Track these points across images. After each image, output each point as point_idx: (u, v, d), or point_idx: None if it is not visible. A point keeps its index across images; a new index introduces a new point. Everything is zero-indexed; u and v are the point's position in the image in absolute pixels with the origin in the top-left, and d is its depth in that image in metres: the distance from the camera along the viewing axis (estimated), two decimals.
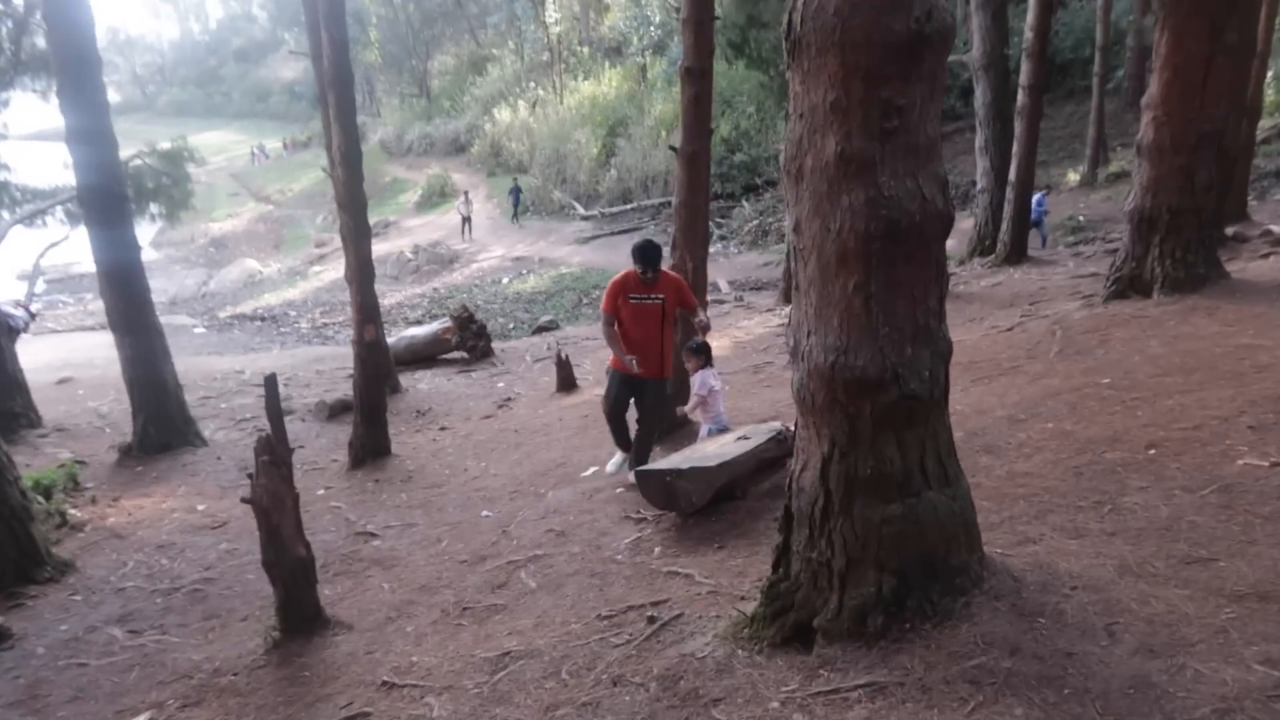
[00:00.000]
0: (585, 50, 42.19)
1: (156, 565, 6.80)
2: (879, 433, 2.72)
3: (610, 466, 6.57)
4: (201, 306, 29.60)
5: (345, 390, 11.34)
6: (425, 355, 14.74)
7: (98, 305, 30.19)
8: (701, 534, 4.77)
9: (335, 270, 25.62)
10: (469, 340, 14.27)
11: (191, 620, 5.70)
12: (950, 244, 3.56)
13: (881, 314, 2.63)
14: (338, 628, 4.76)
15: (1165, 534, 3.32)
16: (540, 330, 18.39)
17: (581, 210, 30.57)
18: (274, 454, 4.46)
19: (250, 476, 4.50)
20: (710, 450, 5.11)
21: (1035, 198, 17.05)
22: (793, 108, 2.69)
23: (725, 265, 21.71)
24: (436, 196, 37.65)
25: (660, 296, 5.92)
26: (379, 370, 8.63)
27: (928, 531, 2.77)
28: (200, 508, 8.31)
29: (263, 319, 25.88)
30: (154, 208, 17.33)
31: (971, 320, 10.29)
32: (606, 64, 38.71)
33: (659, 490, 4.91)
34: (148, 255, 41.15)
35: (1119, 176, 20.74)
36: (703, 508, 4.86)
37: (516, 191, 31.34)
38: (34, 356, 17.80)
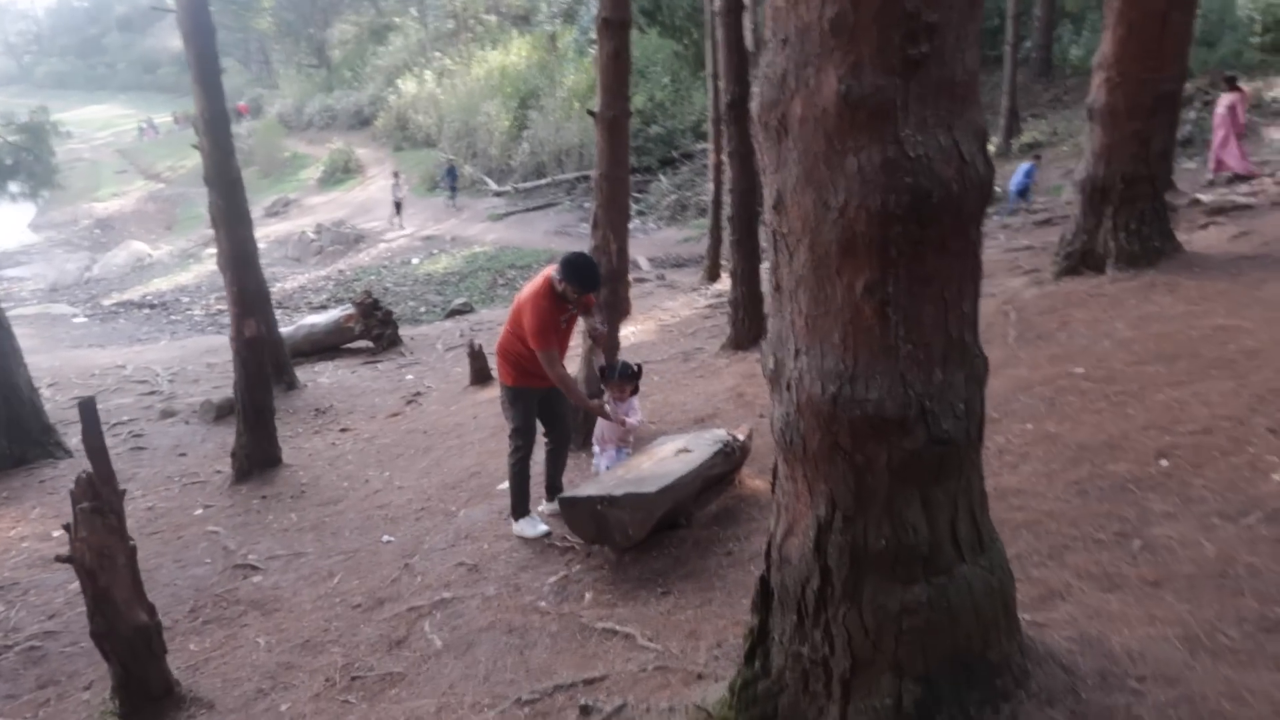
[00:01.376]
0: (492, 18, 40.58)
1: None
2: (898, 490, 1.97)
3: (532, 530, 4.92)
4: (84, 293, 27.43)
5: None
6: (327, 345, 13.61)
7: None
8: (641, 574, 4.00)
9: None
10: (374, 328, 13.19)
11: (22, 689, 4.68)
12: None
13: (902, 326, 1.87)
14: (194, 707, 3.84)
15: (1223, 583, 2.68)
16: (453, 314, 17.39)
17: (494, 186, 29.33)
18: (98, 498, 3.50)
19: (67, 529, 3.54)
20: (646, 469, 4.32)
21: (1024, 167, 16.72)
22: (771, 31, 1.89)
23: (645, 242, 20.93)
24: (340, 172, 35.78)
25: (576, 309, 4.96)
26: (263, 370, 7.59)
27: (962, 620, 2.04)
28: (55, 534, 7.17)
29: (152, 306, 24.08)
30: (14, 186, 15.70)
31: None
32: (515, 32, 37.25)
33: (588, 521, 4.10)
34: (26, 239, 38.08)
35: (1032, 146, 20.69)
36: (641, 540, 4.08)
37: (452, 171, 29.22)
38: None
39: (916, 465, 1.94)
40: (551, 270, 4.73)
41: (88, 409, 3.44)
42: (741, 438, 4.81)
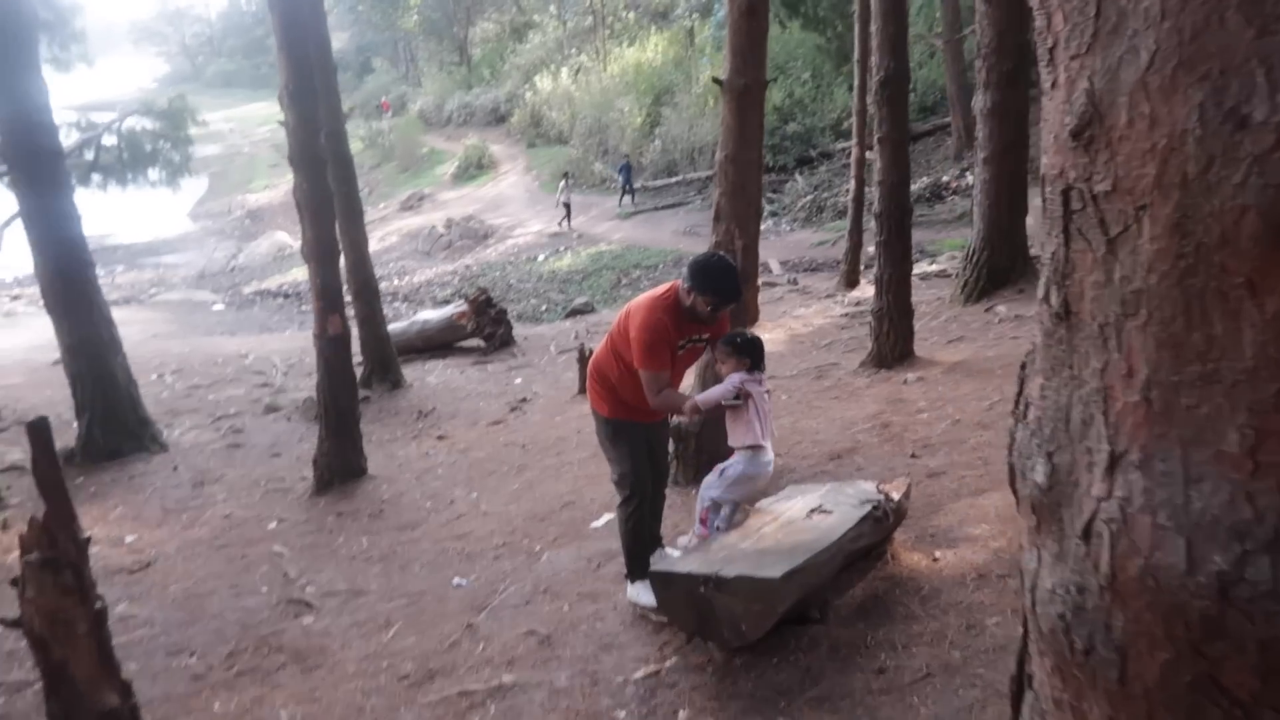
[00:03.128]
0: (630, 15, 40.06)
1: None
2: None
3: (649, 599, 3.59)
4: (228, 281, 28.40)
5: None
6: (440, 342, 13.11)
7: (126, 279, 28.99)
8: (755, 688, 2.93)
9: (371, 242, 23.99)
10: (486, 326, 12.55)
11: None
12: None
13: None
14: None
15: None
16: (574, 313, 16.71)
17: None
18: (54, 548, 2.71)
19: (14, 584, 2.76)
20: (768, 535, 3.24)
21: None
22: None
23: (777, 244, 19.72)
24: (474, 168, 36.00)
25: (708, 335, 3.76)
26: (348, 371, 6.92)
27: None
28: (129, 539, 6.72)
29: (286, 295, 24.52)
30: (153, 174, 15.85)
31: None
32: (652, 28, 36.57)
33: (687, 606, 3.06)
34: (185, 227, 40.03)
35: None
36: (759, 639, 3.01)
37: (626, 169, 26.60)
38: (38, 333, 16.56)
39: None
40: (680, 282, 3.62)
41: (40, 431, 2.65)
42: (896, 496, 3.66)
